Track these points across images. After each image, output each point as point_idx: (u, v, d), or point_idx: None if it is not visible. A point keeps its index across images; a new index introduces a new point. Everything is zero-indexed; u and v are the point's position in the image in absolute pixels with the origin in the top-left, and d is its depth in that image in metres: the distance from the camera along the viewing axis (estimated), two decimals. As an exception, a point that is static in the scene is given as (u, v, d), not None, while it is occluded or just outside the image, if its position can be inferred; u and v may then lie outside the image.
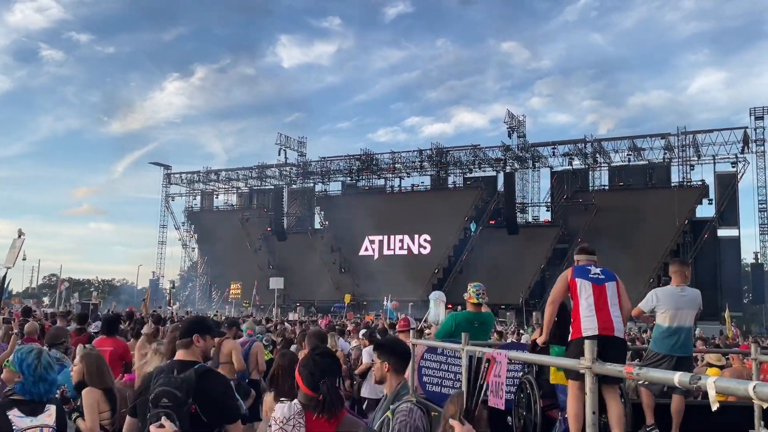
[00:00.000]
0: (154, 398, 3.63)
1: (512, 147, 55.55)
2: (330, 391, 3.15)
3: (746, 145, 49.63)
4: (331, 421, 3.13)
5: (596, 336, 5.12)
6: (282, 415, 3.12)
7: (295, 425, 3.08)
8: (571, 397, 5.26)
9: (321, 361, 3.26)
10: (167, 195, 70.05)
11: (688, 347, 6.45)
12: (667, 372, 2.12)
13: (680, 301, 6.42)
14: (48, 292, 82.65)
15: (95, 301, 28.52)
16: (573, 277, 5.45)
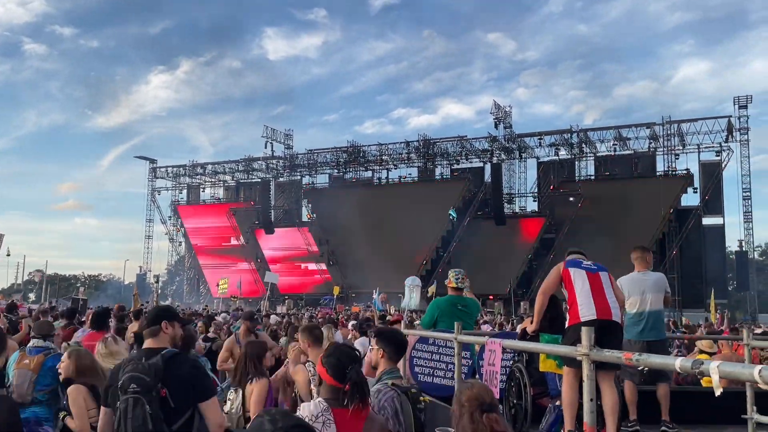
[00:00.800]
0: (122, 385, 3.66)
1: (499, 138, 55.62)
2: (359, 378, 3.16)
3: (730, 133, 49.99)
4: (360, 414, 3.11)
5: (595, 320, 5.13)
6: (309, 412, 3.09)
7: (325, 422, 3.05)
8: (565, 384, 5.26)
9: (346, 350, 3.32)
10: (153, 189, 69.52)
11: (659, 331, 6.53)
12: (667, 358, 2.10)
13: (644, 286, 6.49)
14: (33, 288, 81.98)
15: (84, 297, 28.30)
16: (566, 267, 5.49)
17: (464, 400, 3.09)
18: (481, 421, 2.98)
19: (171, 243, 70.67)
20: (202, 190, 70.80)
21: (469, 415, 3.02)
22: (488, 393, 3.15)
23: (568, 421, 5.10)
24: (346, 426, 3.09)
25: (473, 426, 2.99)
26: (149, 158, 70.19)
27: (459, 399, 3.15)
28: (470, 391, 3.15)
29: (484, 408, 3.02)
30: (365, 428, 3.13)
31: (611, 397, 5.04)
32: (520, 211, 58.35)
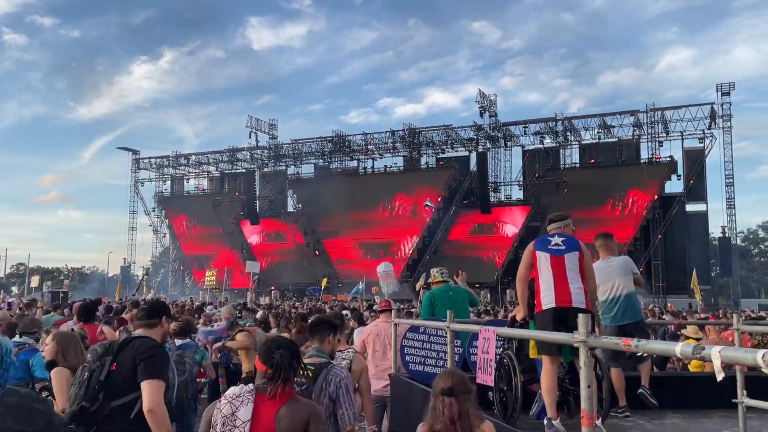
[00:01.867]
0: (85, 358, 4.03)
1: (484, 127, 55.65)
2: (283, 359, 3.26)
3: (713, 120, 50.35)
4: (276, 398, 3.22)
5: (554, 308, 5.14)
6: (233, 392, 3.28)
7: (244, 400, 3.20)
8: (543, 371, 5.28)
9: (278, 339, 3.57)
10: (136, 180, 68.96)
11: (633, 313, 6.53)
12: (669, 343, 2.10)
13: (609, 272, 6.51)
14: (16, 282, 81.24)
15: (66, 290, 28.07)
16: (534, 249, 5.42)
17: (434, 386, 3.34)
18: (439, 404, 3.20)
19: (155, 235, 70.27)
20: (186, 181, 70.34)
21: (432, 401, 3.27)
22: (452, 378, 3.32)
23: (548, 408, 5.11)
24: (264, 406, 3.21)
25: (432, 411, 3.24)
26: (132, 149, 69.58)
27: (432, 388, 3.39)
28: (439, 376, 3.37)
29: (443, 392, 3.23)
30: (283, 409, 3.21)
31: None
32: (505, 200, 58.54)
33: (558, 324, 4.95)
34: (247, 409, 3.18)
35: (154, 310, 4.31)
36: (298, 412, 3.24)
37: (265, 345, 3.48)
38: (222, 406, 3.24)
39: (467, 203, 56.77)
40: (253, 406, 3.19)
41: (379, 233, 58.57)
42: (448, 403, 3.14)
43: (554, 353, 5.17)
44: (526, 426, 5.33)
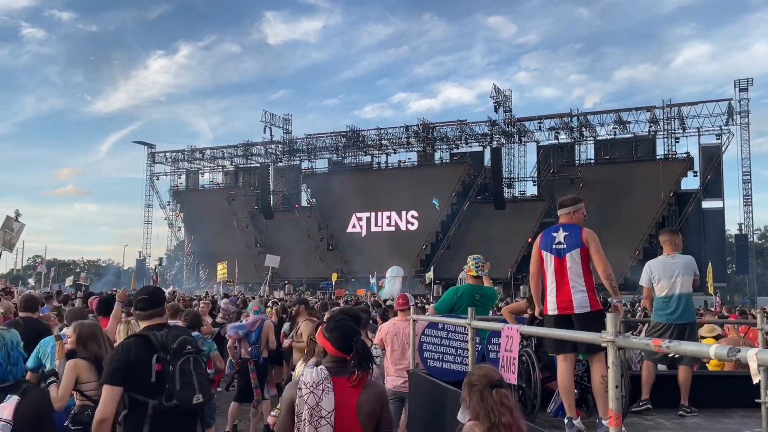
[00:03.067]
0: (178, 347, 3.93)
1: (499, 122, 55.43)
2: (364, 349, 3.39)
3: (731, 116, 49.89)
4: (356, 384, 3.34)
5: (557, 316, 5.14)
6: (311, 379, 3.32)
7: (324, 389, 3.29)
8: (558, 371, 5.28)
9: (350, 323, 3.57)
10: (152, 174, 69.39)
11: (689, 314, 6.44)
12: (701, 345, 2.09)
13: (672, 269, 6.42)
14: (32, 274, 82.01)
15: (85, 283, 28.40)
16: (540, 247, 5.43)
17: (474, 380, 3.24)
18: (490, 396, 3.12)
19: (170, 228, 70.74)
20: (201, 175, 70.68)
21: (479, 394, 3.16)
22: (496, 372, 3.35)
23: (567, 408, 5.11)
24: (344, 393, 3.32)
25: (483, 403, 3.13)
26: (148, 143, 70.05)
27: (469, 380, 3.30)
28: (479, 371, 3.33)
29: (493, 384, 3.17)
30: (362, 395, 3.35)
31: (598, 377, 5.02)
32: (519, 196, 58.36)
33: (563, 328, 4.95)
34: (330, 399, 3.29)
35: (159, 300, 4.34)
36: (374, 397, 3.40)
37: (337, 330, 3.50)
38: (306, 396, 3.31)
39: (481, 199, 56.64)
40: (334, 395, 3.30)
41: (393, 228, 58.62)
42: (504, 395, 3.13)
43: (567, 351, 5.17)
44: (545, 423, 5.33)
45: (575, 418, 5.02)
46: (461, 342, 6.58)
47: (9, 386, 3.27)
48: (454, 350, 6.60)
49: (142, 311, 4.17)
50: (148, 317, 4.15)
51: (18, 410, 3.15)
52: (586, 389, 5.77)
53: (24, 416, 3.16)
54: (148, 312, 4.15)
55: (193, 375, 3.92)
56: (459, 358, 6.53)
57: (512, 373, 3.94)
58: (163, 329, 4.05)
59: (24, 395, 3.21)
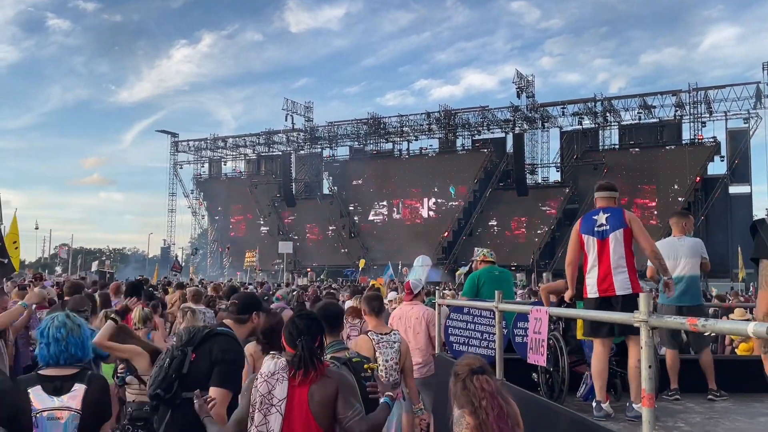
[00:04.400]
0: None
1: (521, 108, 54.91)
2: (304, 349, 3.34)
3: (759, 100, 48.87)
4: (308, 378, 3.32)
5: (597, 299, 5.09)
6: (268, 369, 3.35)
7: (279, 378, 3.30)
8: (594, 354, 5.25)
9: (299, 322, 3.48)
10: (175, 163, 69.96)
11: (694, 296, 6.37)
12: (738, 323, 2.05)
13: (678, 250, 6.37)
14: (60, 262, 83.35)
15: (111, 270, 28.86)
16: (580, 231, 5.35)
17: (458, 370, 3.33)
18: (472, 383, 3.21)
19: (194, 216, 71.35)
20: (223, 164, 71.14)
21: (461, 383, 3.26)
22: (478, 360, 3.40)
23: (598, 391, 5.09)
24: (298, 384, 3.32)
25: (466, 391, 3.23)
26: (171, 132, 70.60)
27: (454, 371, 3.37)
28: (462, 361, 3.40)
29: (474, 371, 3.25)
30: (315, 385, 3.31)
31: (634, 361, 4.97)
32: (542, 182, 57.89)
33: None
34: (282, 387, 3.29)
35: (246, 306, 4.25)
36: (327, 386, 3.35)
37: (288, 325, 3.51)
38: (259, 385, 3.33)
39: (503, 185, 56.29)
40: (287, 384, 3.30)
41: (414, 215, 58.58)
42: (485, 380, 3.21)
43: (604, 335, 5.14)
44: (573, 407, 5.31)
45: (604, 402, 5.00)
46: (486, 326, 6.58)
47: (76, 374, 3.40)
48: (479, 334, 6.61)
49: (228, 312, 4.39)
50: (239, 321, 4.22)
51: (85, 399, 3.31)
52: (614, 373, 5.73)
53: (89, 404, 3.32)
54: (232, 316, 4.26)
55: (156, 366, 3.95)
56: (485, 342, 6.54)
57: (541, 355, 3.92)
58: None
59: (89, 384, 3.38)
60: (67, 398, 3.27)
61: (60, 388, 3.29)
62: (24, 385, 3.32)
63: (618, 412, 5.08)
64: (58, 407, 3.24)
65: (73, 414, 3.25)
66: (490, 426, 3.12)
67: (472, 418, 3.20)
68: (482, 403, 3.14)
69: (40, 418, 3.20)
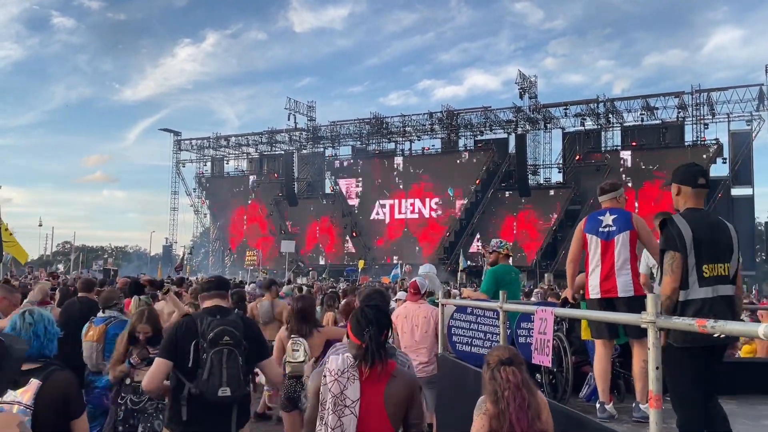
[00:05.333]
0: (215, 337, 3.95)
1: (524, 108, 54.87)
2: (372, 341, 3.22)
3: (762, 102, 48.80)
4: (382, 373, 3.23)
5: (599, 299, 5.08)
6: (337, 366, 3.23)
7: (350, 377, 3.19)
8: (596, 355, 5.24)
9: (368, 311, 3.35)
10: (178, 161, 70.03)
11: None
12: (748, 324, 2.05)
13: None
14: (62, 260, 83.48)
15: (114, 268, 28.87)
16: (585, 231, 5.30)
17: (489, 359, 3.47)
18: (499, 374, 3.34)
19: (196, 215, 71.42)
20: (226, 163, 71.17)
21: (490, 372, 3.40)
22: (509, 350, 3.52)
23: (601, 392, 5.08)
24: (371, 382, 3.21)
25: (493, 380, 3.37)
26: (173, 131, 70.69)
27: (486, 360, 3.53)
28: (495, 351, 3.53)
29: (503, 362, 3.38)
30: (390, 384, 3.24)
31: (639, 361, 4.97)
32: (544, 183, 57.85)
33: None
34: (355, 388, 3.18)
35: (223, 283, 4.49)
36: (402, 388, 3.27)
37: (356, 314, 3.41)
38: (330, 384, 3.21)
39: (505, 186, 56.28)
40: (359, 384, 3.20)
41: (416, 215, 58.58)
42: (512, 371, 3.31)
43: (607, 336, 5.14)
44: (577, 408, 5.30)
45: (607, 403, 5.00)
46: (490, 326, 6.58)
47: (35, 369, 3.30)
48: (483, 334, 6.61)
49: (205, 292, 4.38)
50: (208, 297, 4.33)
51: (39, 394, 3.19)
52: (618, 375, 5.72)
53: (46, 400, 3.20)
54: (210, 293, 4.34)
55: (224, 367, 3.90)
56: (488, 342, 6.53)
57: (546, 356, 3.92)
58: (218, 314, 4.12)
59: (47, 379, 3.26)
60: (20, 392, 3.17)
61: (17, 381, 3.17)
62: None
63: (621, 414, 5.08)
64: (9, 401, 3.14)
65: (22, 409, 3.14)
66: (508, 416, 3.22)
67: (492, 406, 3.32)
68: (505, 394, 3.29)
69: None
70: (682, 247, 3.86)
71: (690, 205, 4.22)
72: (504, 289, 6.39)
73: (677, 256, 3.82)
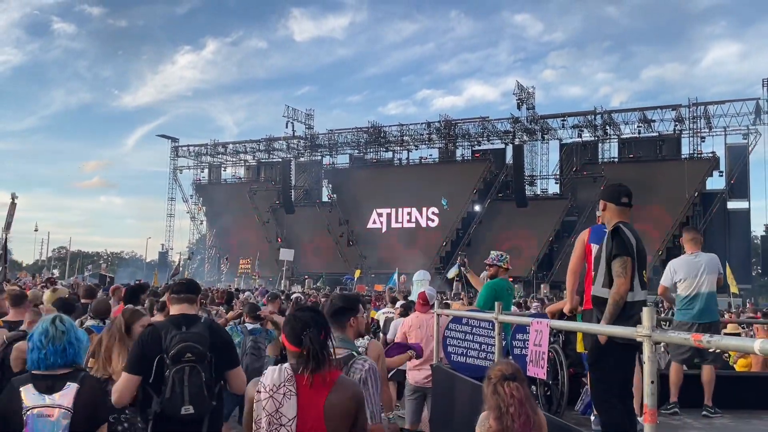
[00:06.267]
0: (176, 354, 3.83)
1: (521, 119, 55.03)
2: (313, 343, 2.94)
3: (758, 116, 49.04)
4: (323, 384, 2.94)
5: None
6: (271, 381, 2.93)
7: (286, 393, 2.89)
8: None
9: (301, 315, 3.11)
10: (175, 168, 69.97)
11: (712, 313, 6.33)
12: (744, 339, 2.05)
13: (695, 268, 6.31)
14: (57, 265, 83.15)
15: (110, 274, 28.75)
16: (589, 241, 5.24)
17: (491, 374, 3.40)
18: (502, 389, 3.27)
19: (192, 222, 71.28)
20: (223, 170, 71.14)
21: (492, 387, 3.33)
22: (512, 366, 3.45)
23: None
24: (310, 395, 2.91)
25: (495, 395, 3.30)
26: (171, 137, 70.65)
27: (488, 374, 3.45)
28: (497, 366, 3.47)
29: (506, 377, 3.32)
30: (331, 396, 2.95)
31: (636, 376, 4.96)
32: (541, 194, 57.95)
33: None
34: (291, 404, 2.88)
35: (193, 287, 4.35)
36: (345, 400, 2.98)
37: (288, 320, 3.15)
38: (264, 401, 2.90)
39: (502, 196, 56.33)
40: (296, 399, 2.89)
41: (413, 224, 58.55)
42: (515, 387, 3.25)
43: None
44: (571, 421, 5.28)
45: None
46: (485, 337, 6.56)
47: (68, 373, 3.40)
48: (478, 345, 6.58)
49: (175, 294, 4.23)
50: (176, 301, 4.20)
51: (77, 398, 3.30)
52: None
53: (82, 403, 3.31)
54: (179, 296, 4.20)
55: (186, 385, 3.80)
56: (483, 353, 6.50)
57: (541, 368, 3.91)
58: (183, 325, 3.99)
59: (82, 383, 3.38)
60: (59, 396, 3.25)
61: (52, 386, 3.29)
62: (17, 383, 3.33)
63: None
64: (49, 405, 3.21)
65: (63, 412, 3.23)
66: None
67: (495, 423, 3.25)
68: (509, 410, 3.23)
69: (30, 415, 3.18)
70: (631, 253, 4.18)
71: (617, 220, 4.41)
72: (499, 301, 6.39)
73: (629, 261, 4.13)
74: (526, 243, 53.39)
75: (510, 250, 42.51)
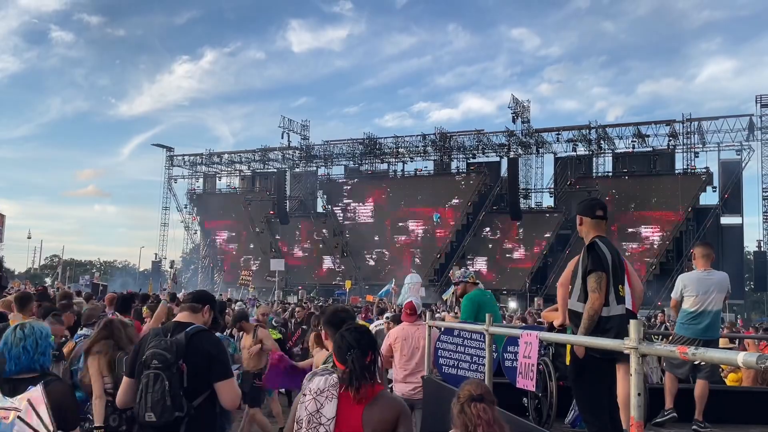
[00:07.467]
0: (145, 360, 3.89)
1: (516, 132, 55.27)
2: (355, 364, 3.14)
3: (751, 132, 49.39)
4: (364, 396, 3.13)
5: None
6: (317, 386, 3.18)
7: (328, 396, 3.13)
8: None
9: (348, 335, 3.27)
10: (170, 177, 69.84)
11: (715, 331, 6.36)
12: (728, 352, 2.08)
13: (706, 285, 6.31)
14: (50, 273, 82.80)
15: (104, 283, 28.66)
16: None
17: (459, 394, 3.35)
18: (470, 410, 3.22)
19: (186, 231, 71.08)
20: (218, 179, 71.09)
21: (460, 407, 3.28)
22: (481, 386, 3.41)
23: None
24: (350, 403, 3.13)
25: (462, 415, 3.25)
26: (166, 146, 70.56)
27: (457, 395, 3.39)
28: (465, 386, 3.41)
29: (473, 398, 3.27)
30: (370, 407, 3.13)
31: (625, 389, 4.98)
32: (536, 207, 58.09)
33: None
34: (332, 406, 3.12)
35: (200, 297, 4.39)
36: (386, 411, 3.16)
37: (336, 339, 3.32)
38: (306, 403, 3.16)
39: (497, 209, 56.45)
40: (337, 402, 3.13)
41: (408, 236, 58.58)
42: (482, 408, 3.22)
43: None
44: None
45: None
46: (476, 349, 6.57)
47: (33, 377, 3.40)
48: (469, 357, 6.60)
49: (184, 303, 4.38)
50: (180, 309, 4.33)
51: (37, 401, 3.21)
52: None
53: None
54: (186, 304, 4.32)
55: (148, 392, 3.82)
56: (474, 365, 6.52)
57: (530, 380, 3.93)
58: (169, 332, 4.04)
59: (46, 387, 3.29)
60: (18, 399, 3.18)
61: (15, 389, 3.30)
62: None
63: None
64: (7, 407, 3.14)
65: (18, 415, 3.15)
66: None
67: None
68: (477, 430, 3.19)
69: None
70: (606, 268, 4.28)
71: (594, 234, 4.52)
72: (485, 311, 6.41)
73: (604, 276, 4.25)
74: (519, 256, 53.51)
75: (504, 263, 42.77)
